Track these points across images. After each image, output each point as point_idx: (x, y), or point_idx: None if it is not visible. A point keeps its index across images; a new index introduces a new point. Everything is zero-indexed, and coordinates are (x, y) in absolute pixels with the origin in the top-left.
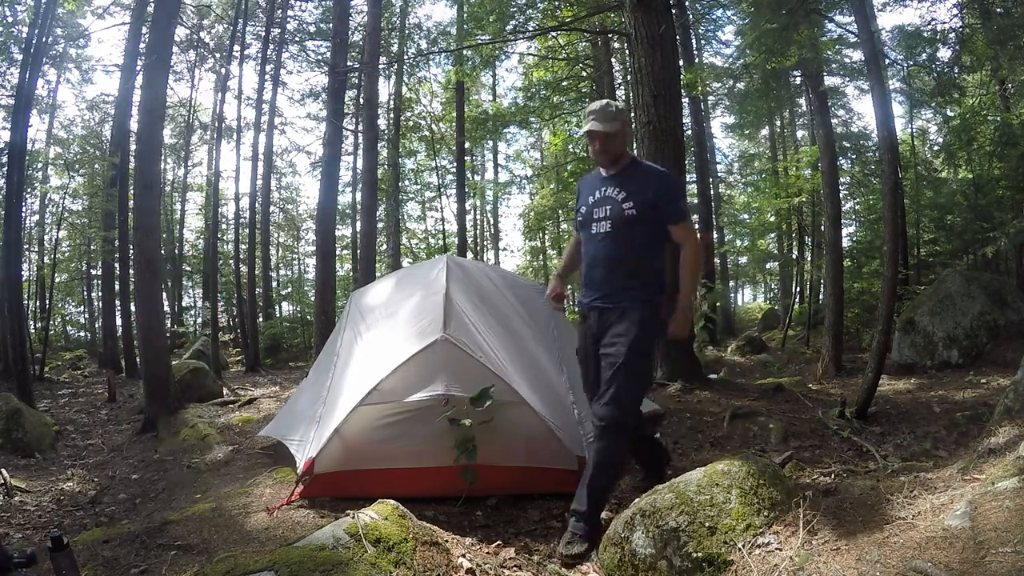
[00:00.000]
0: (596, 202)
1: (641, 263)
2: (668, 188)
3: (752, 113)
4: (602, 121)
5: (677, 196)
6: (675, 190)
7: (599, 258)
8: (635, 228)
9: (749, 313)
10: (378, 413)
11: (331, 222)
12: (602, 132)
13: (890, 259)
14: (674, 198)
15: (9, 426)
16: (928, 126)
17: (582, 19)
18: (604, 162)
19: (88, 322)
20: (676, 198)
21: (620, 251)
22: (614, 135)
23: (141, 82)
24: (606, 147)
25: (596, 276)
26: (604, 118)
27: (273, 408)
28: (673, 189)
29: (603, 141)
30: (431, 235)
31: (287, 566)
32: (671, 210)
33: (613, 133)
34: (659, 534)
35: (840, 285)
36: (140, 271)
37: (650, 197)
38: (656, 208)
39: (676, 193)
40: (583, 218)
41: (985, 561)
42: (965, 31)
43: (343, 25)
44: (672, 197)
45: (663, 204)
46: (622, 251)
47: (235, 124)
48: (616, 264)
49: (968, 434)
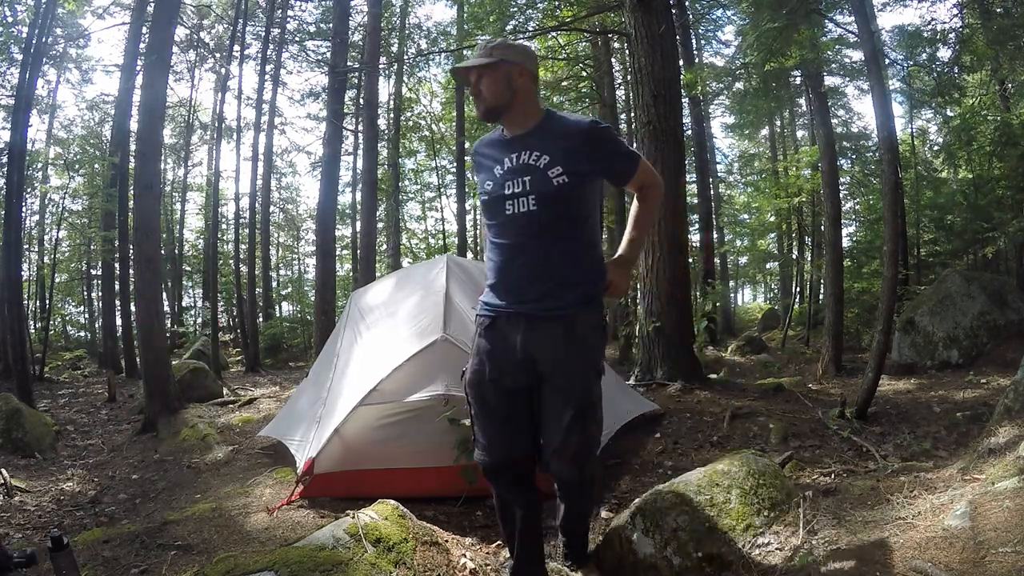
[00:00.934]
0: (507, 172)
1: (584, 248)
2: (602, 136)
3: (752, 113)
4: (477, 55)
5: (616, 140)
6: (610, 134)
7: (524, 246)
8: (570, 201)
9: (749, 313)
10: (378, 413)
11: (331, 222)
12: (476, 67)
13: (890, 259)
14: (615, 143)
15: (9, 426)
16: (928, 126)
17: (582, 19)
18: (484, 113)
19: (88, 322)
20: (617, 143)
21: (553, 234)
22: (494, 69)
23: (141, 82)
24: (486, 90)
25: (518, 272)
26: (480, 52)
27: (273, 408)
28: (608, 133)
29: (478, 80)
30: (431, 235)
31: (287, 566)
32: (619, 160)
33: (492, 65)
34: (659, 534)
35: (840, 285)
36: (140, 271)
37: (585, 156)
38: (595, 169)
39: (613, 137)
40: (490, 197)
41: (985, 561)
42: (965, 31)
43: (343, 25)
44: (613, 143)
45: (606, 159)
46: (557, 234)
47: (235, 124)
48: (548, 253)
49: (968, 434)
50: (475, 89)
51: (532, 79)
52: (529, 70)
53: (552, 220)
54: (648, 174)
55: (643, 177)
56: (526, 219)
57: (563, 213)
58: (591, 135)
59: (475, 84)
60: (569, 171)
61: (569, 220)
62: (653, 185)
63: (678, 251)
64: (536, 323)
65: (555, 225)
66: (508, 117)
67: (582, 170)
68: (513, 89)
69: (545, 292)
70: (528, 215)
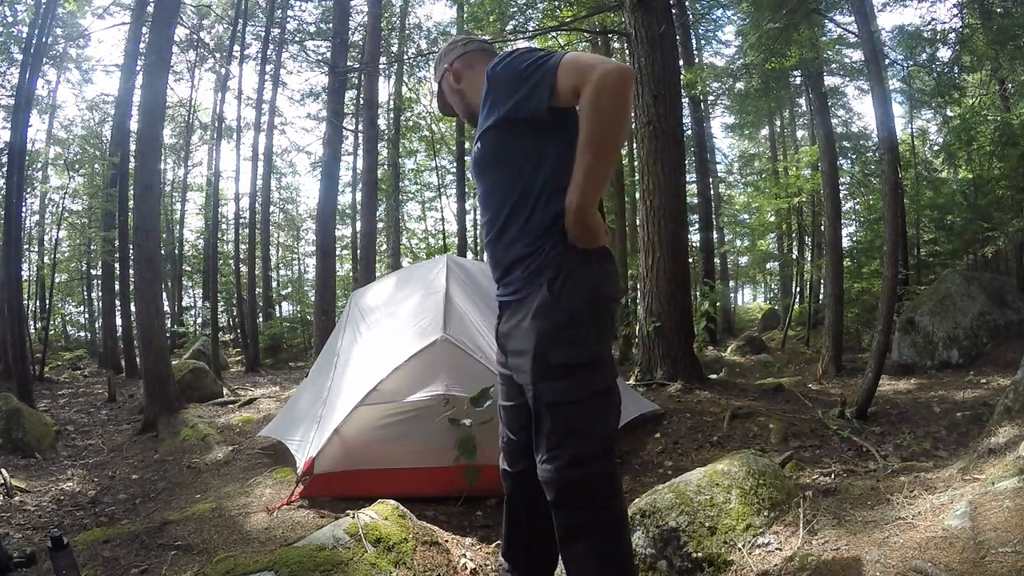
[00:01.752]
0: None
1: (524, 213)
2: (504, 70)
3: (752, 113)
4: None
5: (521, 61)
6: (513, 63)
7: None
8: (497, 164)
9: (749, 313)
10: (378, 413)
11: (331, 222)
12: (440, 100)
13: (890, 259)
14: (519, 66)
15: (9, 426)
16: (928, 126)
17: (582, 19)
18: (468, 120)
19: (88, 322)
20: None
21: (491, 207)
22: (444, 92)
23: (141, 82)
24: (457, 109)
25: (488, 252)
26: (435, 69)
27: (273, 408)
28: (511, 65)
29: (453, 107)
30: (431, 235)
31: (287, 566)
32: (529, 84)
33: (441, 90)
34: (659, 534)
35: (840, 285)
36: (140, 271)
37: (489, 103)
38: (506, 115)
39: (518, 61)
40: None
41: (985, 561)
42: (965, 31)
43: (343, 25)
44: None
45: (512, 94)
46: (492, 205)
47: (235, 124)
48: (491, 227)
49: (968, 434)
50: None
51: (464, 67)
52: (453, 66)
53: (487, 192)
54: (575, 72)
55: (568, 79)
56: (479, 196)
57: (497, 180)
58: (493, 70)
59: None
60: (485, 131)
61: (504, 187)
62: (590, 83)
63: (678, 251)
64: (504, 309)
65: (490, 196)
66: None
67: (496, 122)
68: (459, 92)
69: (502, 274)
70: (479, 192)
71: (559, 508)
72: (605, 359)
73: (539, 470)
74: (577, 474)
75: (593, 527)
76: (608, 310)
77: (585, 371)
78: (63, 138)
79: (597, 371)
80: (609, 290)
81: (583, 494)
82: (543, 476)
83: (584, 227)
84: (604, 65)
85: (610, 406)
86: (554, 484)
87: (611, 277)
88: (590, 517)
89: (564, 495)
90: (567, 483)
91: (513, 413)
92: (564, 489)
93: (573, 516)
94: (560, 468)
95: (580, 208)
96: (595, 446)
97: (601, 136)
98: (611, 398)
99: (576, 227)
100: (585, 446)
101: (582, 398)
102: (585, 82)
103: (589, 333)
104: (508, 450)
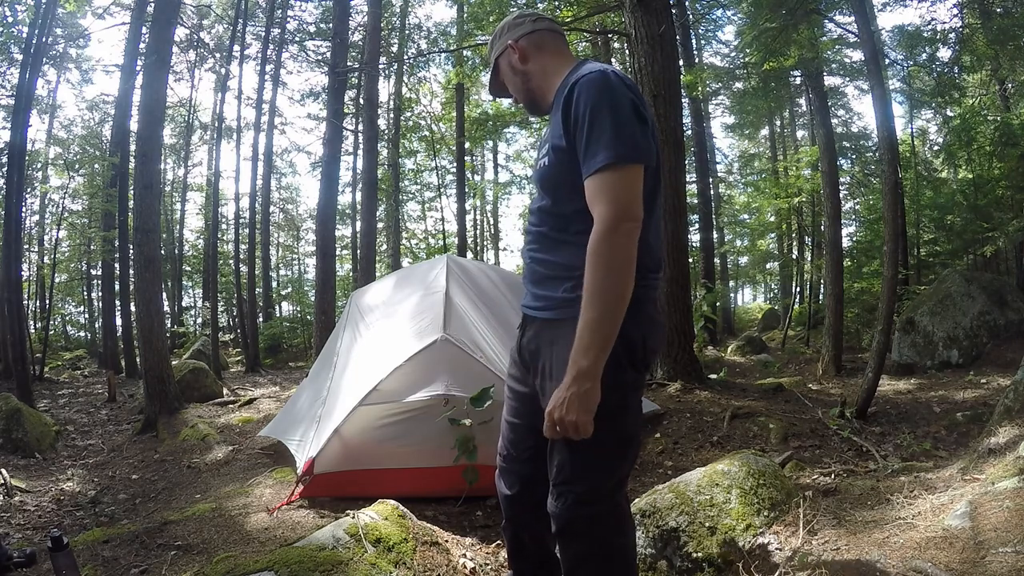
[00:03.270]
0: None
1: (574, 242)
2: (575, 96)
3: (752, 113)
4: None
5: (599, 107)
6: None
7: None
8: (556, 185)
9: (749, 313)
10: (378, 413)
11: (331, 222)
12: (491, 80)
13: (890, 259)
14: (593, 112)
15: (9, 426)
16: (928, 126)
17: (582, 19)
18: (529, 111)
19: (88, 322)
20: (596, 112)
21: (539, 224)
22: (500, 72)
23: (141, 82)
24: (514, 92)
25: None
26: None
27: (273, 408)
28: (590, 90)
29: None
30: (431, 235)
31: (287, 566)
32: (583, 141)
33: (496, 70)
34: (659, 534)
35: (840, 285)
36: (140, 271)
37: (559, 127)
38: (572, 144)
39: (596, 100)
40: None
41: (985, 561)
42: (965, 31)
43: (343, 25)
44: (588, 111)
45: (574, 130)
46: (541, 224)
47: (235, 124)
48: (534, 243)
49: (968, 434)
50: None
51: (533, 47)
52: (519, 43)
53: (539, 208)
54: (603, 195)
55: (595, 194)
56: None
57: (550, 200)
58: (569, 92)
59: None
60: (552, 148)
61: (557, 207)
62: (600, 218)
63: (678, 251)
64: (528, 325)
65: (541, 214)
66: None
67: (561, 145)
68: (523, 73)
69: (536, 289)
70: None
71: (563, 539)
72: (636, 407)
73: (548, 503)
74: (585, 512)
75: (595, 559)
76: (648, 363)
77: (617, 416)
78: (63, 138)
79: (628, 417)
80: (655, 343)
81: (588, 531)
82: (551, 509)
83: (584, 405)
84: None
85: (631, 449)
86: (560, 519)
87: (656, 326)
88: (592, 553)
89: (569, 531)
90: (573, 519)
91: (521, 433)
92: (569, 526)
93: (576, 549)
94: (569, 505)
95: (586, 375)
96: (607, 484)
97: (602, 282)
98: (633, 442)
99: (580, 387)
100: (598, 484)
101: (605, 442)
102: (600, 215)
103: (627, 379)
104: (508, 469)
